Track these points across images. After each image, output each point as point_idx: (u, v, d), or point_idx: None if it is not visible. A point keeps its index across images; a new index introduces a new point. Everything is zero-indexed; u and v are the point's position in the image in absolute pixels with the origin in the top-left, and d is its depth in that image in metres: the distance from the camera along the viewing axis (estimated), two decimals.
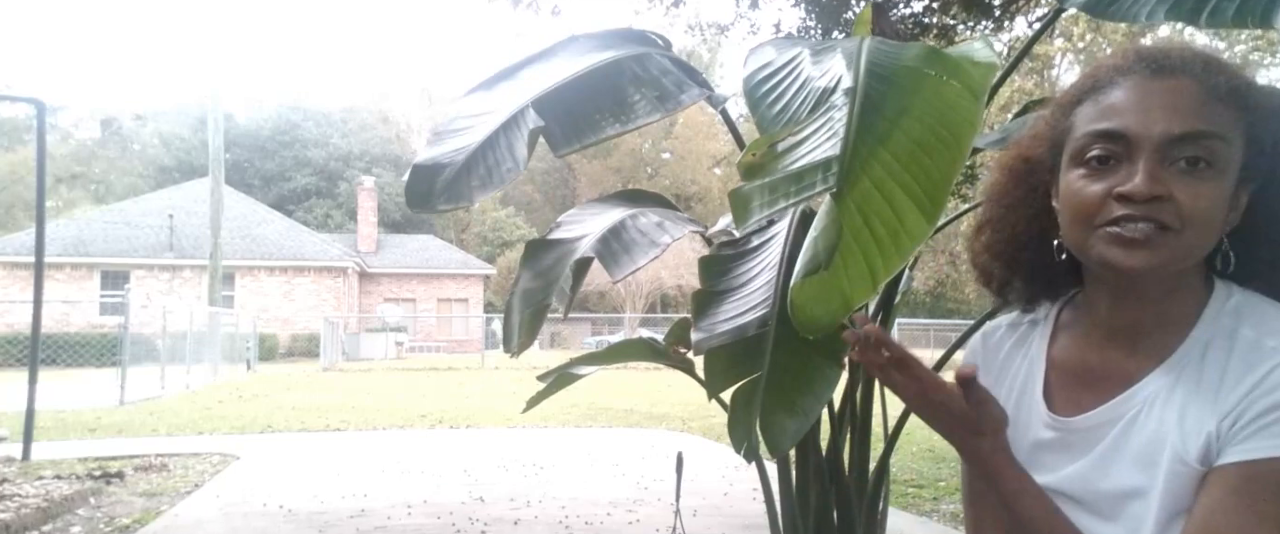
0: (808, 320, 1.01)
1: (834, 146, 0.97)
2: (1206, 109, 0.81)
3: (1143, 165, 0.80)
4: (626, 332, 32.08)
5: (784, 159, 1.00)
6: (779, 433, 1.62)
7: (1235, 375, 0.80)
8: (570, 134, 1.59)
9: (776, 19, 9.55)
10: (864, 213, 0.94)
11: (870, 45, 1.14)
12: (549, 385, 2.23)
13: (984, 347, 1.04)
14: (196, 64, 60.58)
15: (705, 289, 1.87)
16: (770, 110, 1.09)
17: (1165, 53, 0.85)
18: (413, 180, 1.59)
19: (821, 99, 1.06)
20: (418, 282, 32.79)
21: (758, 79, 1.15)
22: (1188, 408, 0.81)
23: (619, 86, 1.67)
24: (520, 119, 1.61)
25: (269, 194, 42.88)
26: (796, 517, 2.15)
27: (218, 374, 16.90)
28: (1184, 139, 0.80)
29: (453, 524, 4.78)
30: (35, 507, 4.70)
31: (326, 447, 7.95)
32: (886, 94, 1.03)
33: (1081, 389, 0.91)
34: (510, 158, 1.56)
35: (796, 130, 1.03)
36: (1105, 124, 0.84)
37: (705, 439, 8.46)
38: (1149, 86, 0.83)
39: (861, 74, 1.06)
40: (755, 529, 4.61)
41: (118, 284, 21.14)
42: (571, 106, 1.63)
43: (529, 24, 38.06)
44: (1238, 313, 0.84)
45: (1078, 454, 0.89)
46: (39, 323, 6.96)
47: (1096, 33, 18.63)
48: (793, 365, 1.67)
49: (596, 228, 2.09)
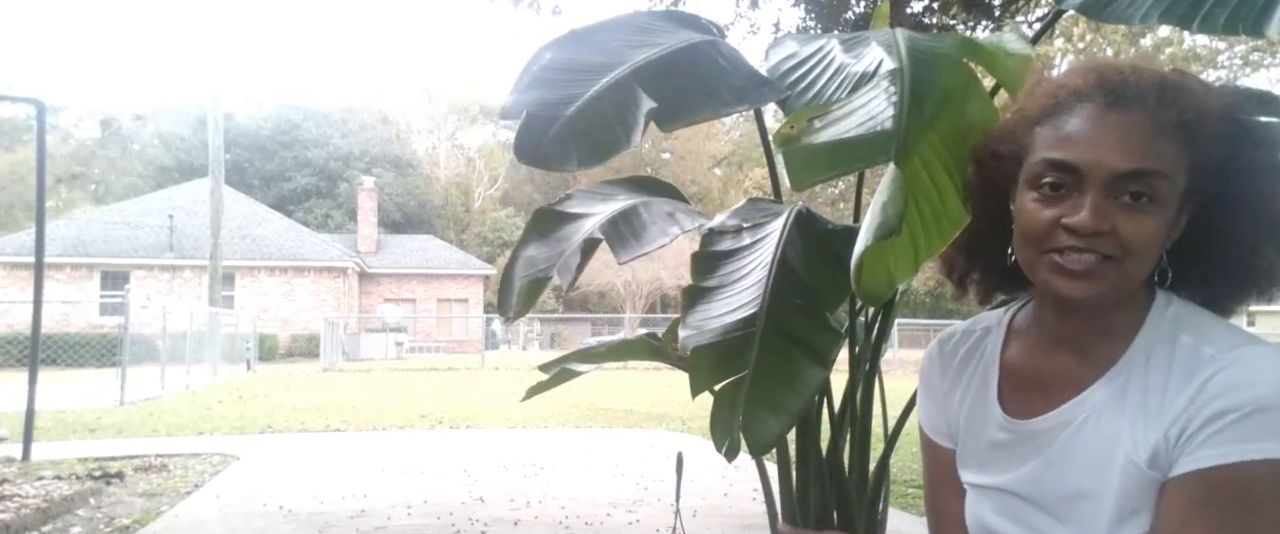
0: (867, 290, 1.03)
1: (889, 120, 0.97)
2: (1154, 146, 0.84)
3: (1089, 200, 0.84)
4: (626, 331, 32.04)
5: (832, 129, 1.00)
6: (761, 432, 1.62)
7: (1178, 382, 0.84)
8: (674, 113, 1.54)
9: (775, 18, 9.56)
10: (913, 192, 0.95)
11: (905, 34, 1.14)
12: (551, 377, 2.22)
13: (940, 353, 1.08)
14: (196, 64, 60.61)
15: (695, 285, 1.86)
16: (801, 99, 1.09)
17: (1123, 81, 0.87)
18: (526, 128, 1.46)
19: (861, 82, 1.06)
20: (418, 282, 32.79)
21: (784, 70, 1.15)
22: (1136, 413, 0.86)
23: (709, 71, 1.63)
24: (625, 91, 1.55)
25: (269, 194, 42.88)
26: (796, 517, 2.15)
27: (218, 374, 16.90)
28: (1129, 177, 0.83)
29: (453, 524, 4.78)
30: (35, 507, 4.69)
31: (326, 447, 7.95)
32: (932, 80, 1.04)
33: (1033, 393, 0.95)
34: (620, 131, 1.49)
35: (842, 103, 1.03)
36: (1058, 154, 0.87)
37: (705, 440, 8.45)
38: (1103, 118, 0.86)
39: (905, 57, 1.07)
40: (755, 529, 4.61)
41: (118, 284, 21.14)
42: (672, 85, 1.59)
43: (529, 23, 37.96)
44: (1177, 321, 0.88)
45: (1030, 455, 0.93)
46: (39, 323, 6.96)
47: (1096, 33, 18.63)
48: (777, 364, 1.67)
49: (608, 209, 2.07)
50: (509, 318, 1.96)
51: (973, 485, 1.00)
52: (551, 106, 1.50)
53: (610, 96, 1.53)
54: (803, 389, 1.62)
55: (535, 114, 1.49)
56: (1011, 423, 0.95)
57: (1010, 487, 0.93)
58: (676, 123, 1.53)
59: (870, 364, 2.19)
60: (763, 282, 1.78)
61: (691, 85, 1.58)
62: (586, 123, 1.49)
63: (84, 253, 25.91)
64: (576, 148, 1.47)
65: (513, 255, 2.08)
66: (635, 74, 1.56)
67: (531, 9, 9.17)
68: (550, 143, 1.46)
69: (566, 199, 2.22)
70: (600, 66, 1.59)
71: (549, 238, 2.03)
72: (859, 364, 2.17)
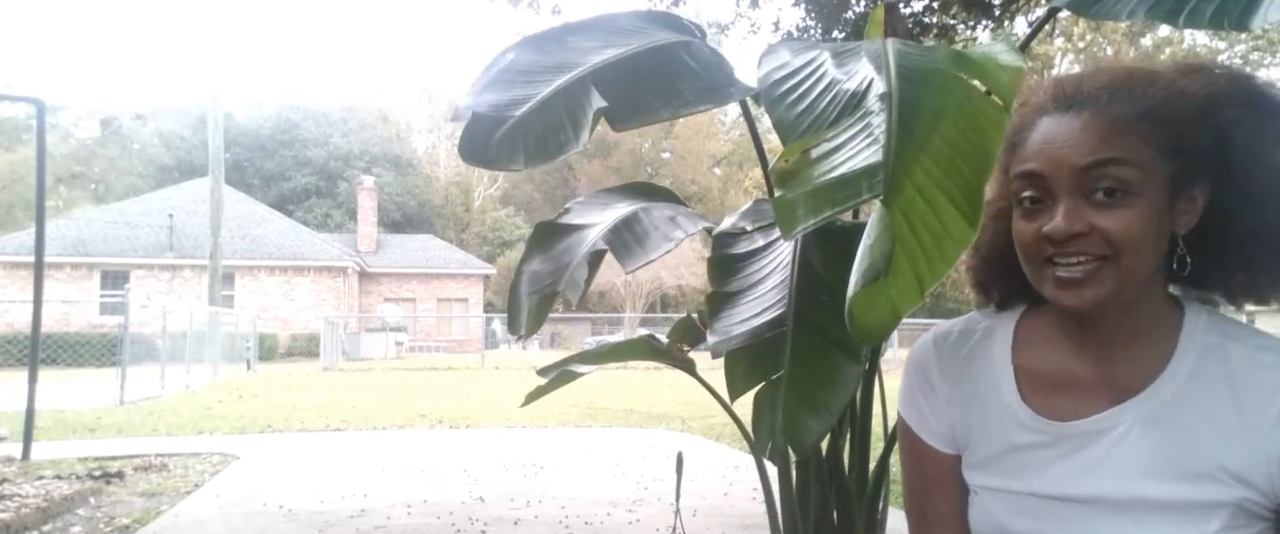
0: (864, 330, 1.01)
1: (876, 153, 0.96)
2: (1112, 139, 0.84)
3: (1061, 205, 0.85)
4: (626, 331, 32.08)
5: (821, 165, 0.99)
6: (803, 432, 1.63)
7: (1258, 396, 0.84)
8: (629, 113, 1.53)
9: (776, 18, 9.55)
10: (909, 220, 0.94)
11: (895, 47, 1.14)
12: (550, 381, 2.22)
13: (938, 352, 1.04)
14: (196, 64, 60.64)
15: (717, 291, 1.86)
16: (791, 112, 1.08)
17: (1075, 87, 0.88)
18: (472, 129, 1.47)
19: (852, 102, 1.05)
20: (418, 281, 32.79)
21: (775, 79, 1.14)
22: (1206, 425, 0.85)
23: (672, 72, 1.63)
24: (579, 91, 1.54)
25: (269, 194, 42.87)
26: (796, 517, 2.15)
27: (217, 374, 16.90)
28: (1090, 169, 0.84)
29: (453, 524, 4.78)
30: (35, 507, 4.70)
31: (326, 447, 7.95)
32: (921, 98, 1.03)
33: (1059, 396, 0.93)
34: (570, 130, 1.49)
35: (831, 136, 1.02)
36: (1024, 167, 0.88)
37: (705, 439, 8.46)
38: (1057, 125, 0.87)
39: (893, 77, 1.06)
40: (755, 529, 4.61)
41: (118, 284, 21.13)
42: (629, 85, 1.58)
43: (529, 23, 37.92)
44: (1217, 329, 0.88)
45: (1064, 457, 0.91)
46: (39, 323, 6.96)
47: (1096, 32, 18.63)
48: (814, 364, 1.68)
49: (608, 218, 2.07)
50: (521, 336, 1.95)
51: (987, 488, 0.97)
52: (502, 108, 1.50)
53: (564, 97, 1.52)
54: (842, 386, 1.62)
55: (482, 116, 1.48)
56: (1043, 424, 0.93)
57: (1043, 490, 0.91)
58: (631, 122, 1.52)
59: (870, 364, 2.19)
60: (785, 282, 1.78)
61: (652, 85, 1.58)
62: (538, 123, 1.49)
63: (84, 252, 25.90)
64: (524, 148, 1.46)
65: (517, 272, 2.07)
66: (593, 75, 1.55)
67: (531, 9, 9.16)
68: (497, 143, 1.46)
69: (566, 211, 2.22)
70: (559, 67, 1.59)
71: (552, 251, 2.03)
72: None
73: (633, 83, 1.57)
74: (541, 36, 1.72)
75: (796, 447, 1.64)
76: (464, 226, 49.07)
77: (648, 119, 1.55)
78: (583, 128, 1.48)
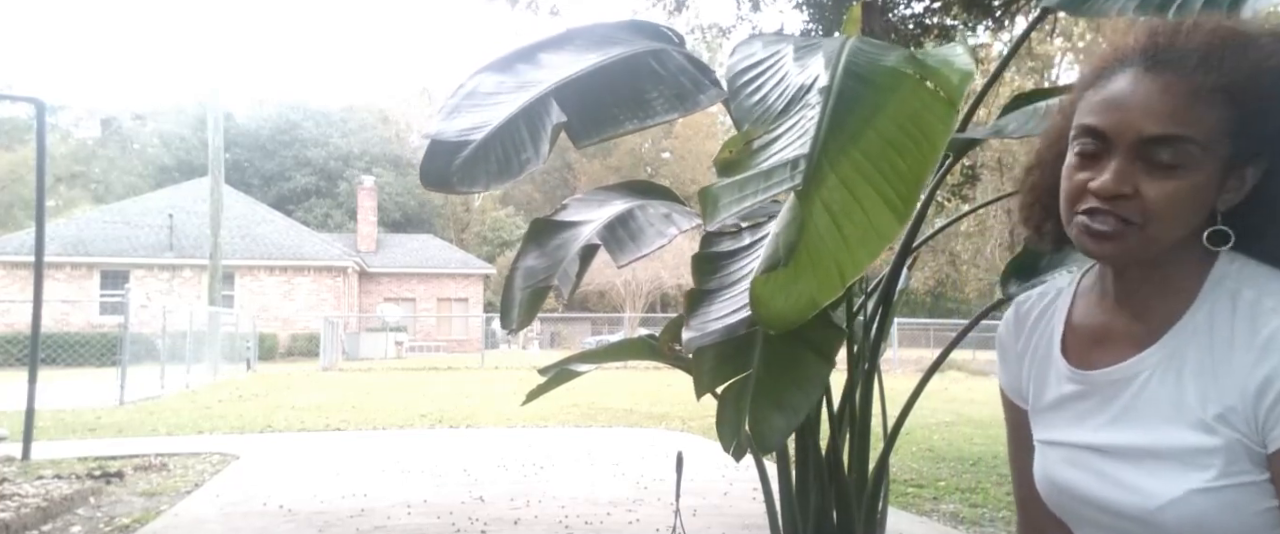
0: (770, 317, 1.01)
1: (803, 145, 0.97)
2: (1186, 111, 0.83)
3: (1114, 164, 0.85)
4: (626, 331, 32.06)
5: (758, 156, 1.00)
6: (768, 430, 1.62)
7: (1244, 337, 0.83)
8: (590, 127, 1.55)
9: (779, 22, 9.56)
10: (832, 212, 0.94)
11: (852, 45, 1.15)
12: (549, 380, 2.22)
13: (1015, 317, 1.10)
14: (196, 64, 60.64)
15: (697, 288, 1.86)
16: (747, 102, 1.10)
17: (1167, 42, 0.87)
18: (431, 156, 1.51)
19: (797, 96, 1.06)
20: (417, 281, 32.78)
21: (739, 69, 1.16)
22: (1199, 369, 0.86)
23: (639, 82, 1.63)
24: (541, 108, 1.56)
25: (269, 194, 42.87)
26: (796, 516, 2.15)
27: (217, 374, 16.90)
28: (1155, 142, 0.83)
29: (453, 524, 4.78)
30: (35, 506, 4.70)
31: (326, 446, 7.95)
32: (861, 94, 1.03)
33: (1095, 347, 0.96)
34: (531, 148, 1.51)
35: (771, 128, 1.03)
36: (1090, 120, 0.88)
37: (705, 439, 8.46)
38: (1137, 84, 0.86)
39: (839, 73, 1.07)
40: (755, 529, 4.61)
41: (118, 284, 21.14)
42: (592, 99, 1.59)
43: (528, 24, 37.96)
44: (1239, 277, 0.87)
45: (1098, 408, 0.93)
46: (39, 322, 6.96)
47: (1097, 32, 18.62)
48: (782, 363, 1.67)
49: (604, 214, 2.08)
50: (512, 329, 1.96)
51: (1043, 442, 1.00)
52: (464, 132, 1.53)
53: (526, 117, 1.54)
54: (810, 386, 1.62)
55: (440, 142, 1.51)
56: (1076, 374, 0.96)
57: (1081, 440, 0.94)
58: (594, 137, 1.54)
59: (869, 363, 2.19)
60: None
61: (617, 97, 1.58)
62: (498, 145, 1.51)
63: (84, 252, 25.90)
64: (484, 172, 1.50)
65: (512, 267, 2.09)
66: (557, 92, 1.57)
67: (530, 9, 9.17)
68: (458, 168, 1.49)
69: (563, 208, 2.23)
70: (523, 86, 1.61)
71: (547, 247, 2.04)
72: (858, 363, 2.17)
73: (597, 96, 1.59)
74: (512, 56, 1.75)
75: (762, 444, 1.64)
76: (464, 226, 49.07)
77: (612, 132, 1.56)
78: (542, 144, 1.50)
